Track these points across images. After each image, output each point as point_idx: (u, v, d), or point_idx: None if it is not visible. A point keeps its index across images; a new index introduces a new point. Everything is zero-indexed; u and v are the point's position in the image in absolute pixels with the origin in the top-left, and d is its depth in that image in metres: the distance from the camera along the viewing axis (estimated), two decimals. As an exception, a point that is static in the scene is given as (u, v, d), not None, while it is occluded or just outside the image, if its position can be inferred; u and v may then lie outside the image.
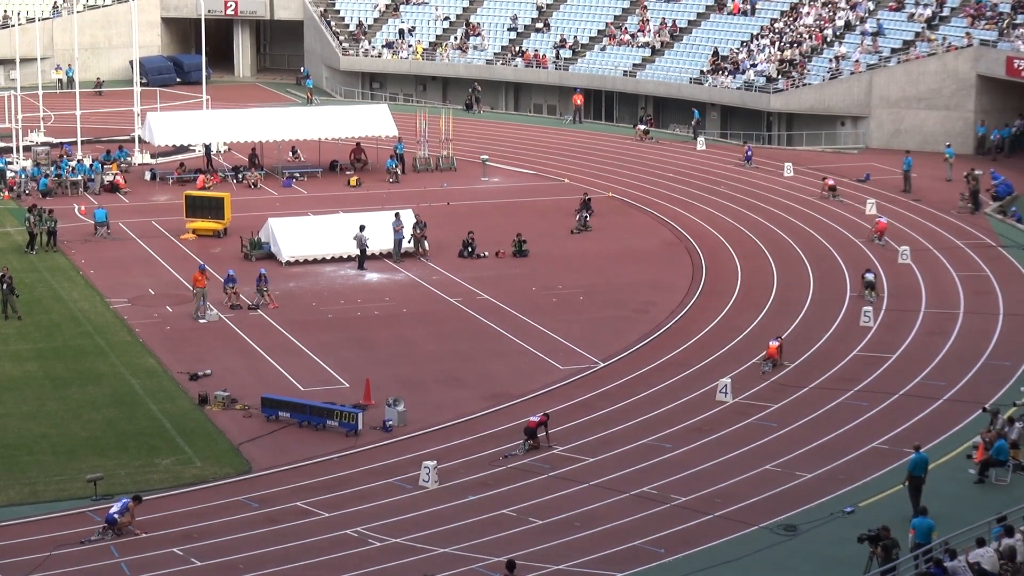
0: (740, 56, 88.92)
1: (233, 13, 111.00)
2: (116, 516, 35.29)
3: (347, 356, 48.89)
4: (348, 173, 77.01)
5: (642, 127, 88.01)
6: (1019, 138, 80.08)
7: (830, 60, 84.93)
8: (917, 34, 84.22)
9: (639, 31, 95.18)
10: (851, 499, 36.88)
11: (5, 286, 52.86)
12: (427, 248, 61.26)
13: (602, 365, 48.25)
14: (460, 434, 42.35)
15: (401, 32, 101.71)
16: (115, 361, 48.25)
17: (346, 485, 38.57)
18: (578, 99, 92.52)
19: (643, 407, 44.14)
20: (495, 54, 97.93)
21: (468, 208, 70.01)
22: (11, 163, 76.12)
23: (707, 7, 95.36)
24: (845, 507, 36.33)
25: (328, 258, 60.42)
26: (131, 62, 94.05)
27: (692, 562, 33.64)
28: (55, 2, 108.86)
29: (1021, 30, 79.51)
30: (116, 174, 74.73)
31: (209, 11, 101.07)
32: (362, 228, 59.62)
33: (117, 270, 59.22)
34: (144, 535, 35.38)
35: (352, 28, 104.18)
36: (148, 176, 75.89)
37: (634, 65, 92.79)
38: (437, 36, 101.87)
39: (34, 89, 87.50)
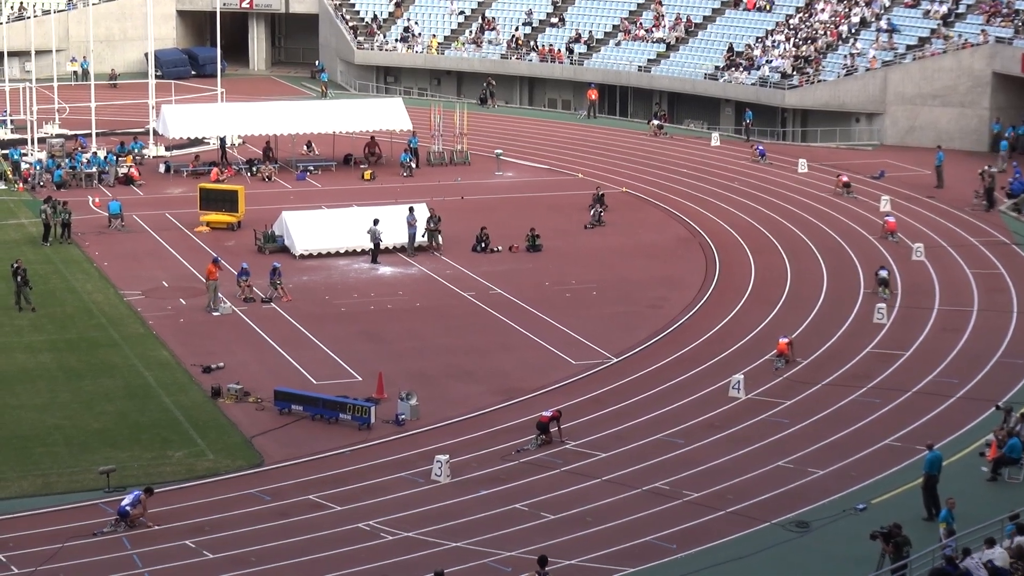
0: (755, 52, 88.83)
1: (248, 6, 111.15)
2: (128, 508, 35.36)
3: (360, 350, 48.93)
4: (362, 167, 77.10)
5: (656, 122, 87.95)
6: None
7: (845, 57, 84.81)
8: (932, 31, 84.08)
9: (654, 26, 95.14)
10: (863, 496, 36.84)
11: (19, 278, 52.97)
12: (440, 242, 61.28)
13: (615, 360, 48.23)
14: (472, 428, 42.36)
15: (407, 28, 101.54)
16: (128, 353, 48.33)
17: (358, 479, 38.59)
18: (593, 94, 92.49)
19: (655, 403, 44.13)
20: (509, 48, 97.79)
21: (482, 202, 70.03)
22: (26, 155, 76.28)
23: (722, 3, 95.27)
24: (857, 504, 36.29)
25: (342, 252, 60.46)
26: (146, 55, 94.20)
27: (703, 558, 33.64)
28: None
29: (1037, 27, 79.48)
30: (130, 166, 74.91)
31: (224, 4, 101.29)
32: (376, 222, 59.65)
33: (131, 262, 59.32)
34: (156, 527, 35.44)
35: (367, 22, 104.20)
36: (162, 169, 76.07)
37: (649, 60, 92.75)
38: (452, 30, 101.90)
39: (49, 81, 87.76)
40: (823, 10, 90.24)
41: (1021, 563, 30.43)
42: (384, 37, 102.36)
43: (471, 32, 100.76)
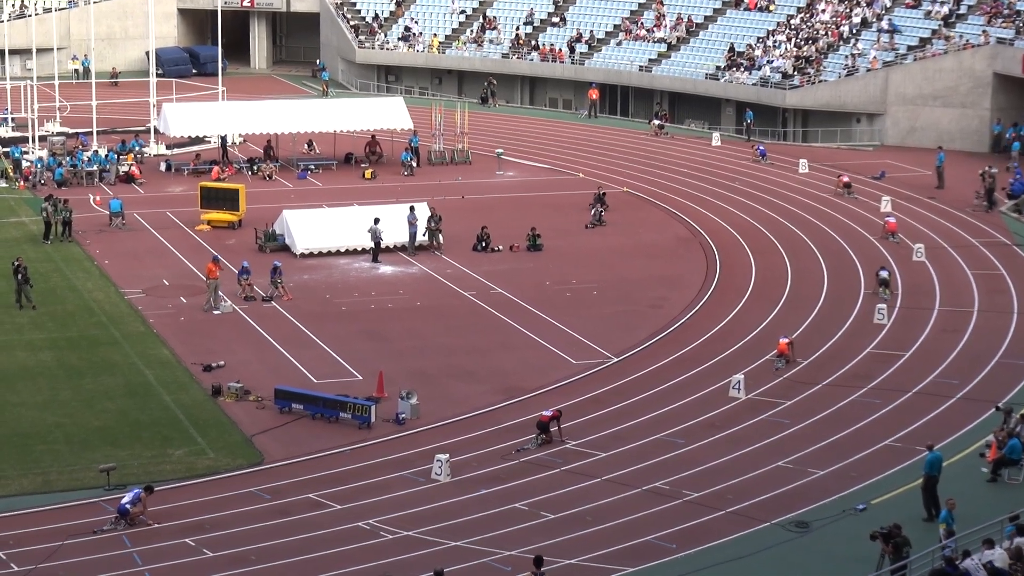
0: (756, 52, 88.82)
1: (249, 5, 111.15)
2: (128, 506, 35.38)
3: (360, 349, 48.94)
4: (363, 166, 77.10)
5: (657, 122, 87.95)
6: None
7: (846, 57, 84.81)
8: (934, 32, 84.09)
9: (655, 26, 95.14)
10: (863, 496, 36.86)
11: (20, 276, 52.97)
12: (441, 241, 61.29)
13: (615, 360, 48.24)
14: (473, 428, 42.37)
15: (407, 28, 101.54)
16: (129, 351, 48.35)
17: (358, 478, 38.61)
18: (593, 94, 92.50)
19: (655, 402, 44.14)
20: (513, 47, 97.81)
21: (482, 202, 70.05)
22: (27, 153, 76.30)
23: (723, 3, 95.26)
24: (857, 504, 36.31)
25: (342, 251, 60.47)
26: (147, 53, 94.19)
27: (703, 558, 33.65)
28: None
29: (1038, 28, 79.48)
30: (131, 165, 74.93)
31: (225, 3, 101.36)
32: (376, 221, 59.66)
33: (132, 261, 59.34)
34: (156, 525, 35.47)
35: (368, 21, 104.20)
36: (163, 167, 76.08)
37: (650, 60, 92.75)
38: (453, 29, 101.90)
39: (50, 79, 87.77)
40: (824, 10, 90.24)
41: (1020, 564, 30.44)
42: (385, 36, 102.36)
43: (472, 31, 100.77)
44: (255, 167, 75.73)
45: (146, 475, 38.30)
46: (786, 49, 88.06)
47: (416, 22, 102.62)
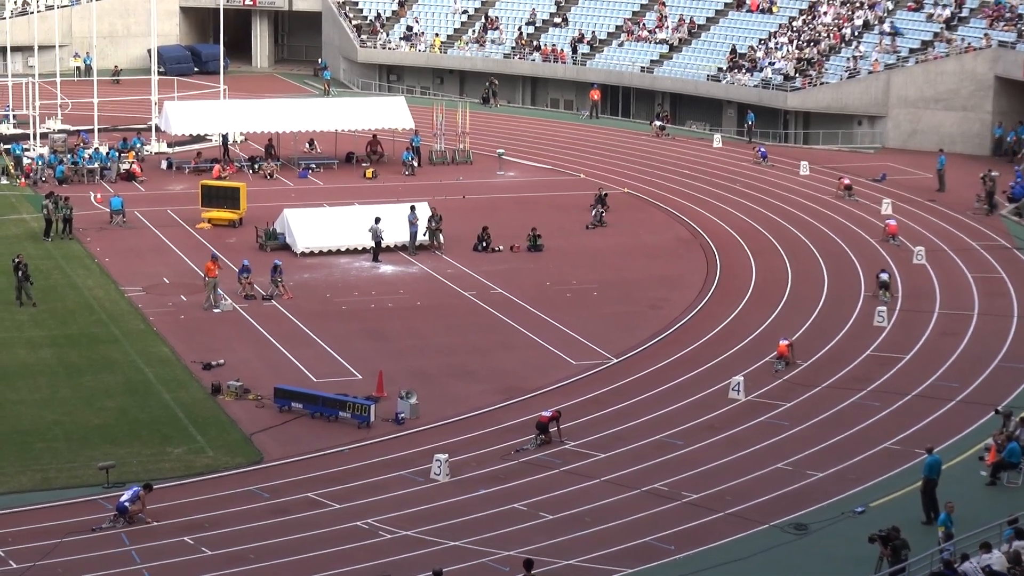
0: (758, 54, 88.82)
1: (251, 3, 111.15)
2: (127, 504, 35.37)
3: (360, 348, 48.94)
4: (364, 165, 77.09)
5: (658, 123, 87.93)
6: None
7: (848, 59, 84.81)
8: (935, 34, 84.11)
9: (657, 27, 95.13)
10: (862, 499, 36.85)
11: (20, 273, 52.96)
12: (442, 241, 61.29)
13: (615, 361, 48.23)
14: (472, 428, 42.37)
15: (409, 28, 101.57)
16: (129, 349, 48.35)
17: (357, 477, 38.60)
18: (595, 94, 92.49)
19: (655, 404, 44.14)
20: (518, 45, 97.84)
21: (483, 202, 70.04)
22: (28, 150, 76.30)
23: (725, 4, 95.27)
24: (856, 507, 36.30)
25: (343, 250, 60.46)
26: (149, 51, 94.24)
27: (702, 559, 33.64)
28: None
29: (1040, 32, 79.47)
30: (132, 162, 74.90)
31: (228, 1, 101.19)
32: (377, 220, 59.66)
33: (132, 258, 59.34)
34: (155, 523, 35.46)
35: (370, 20, 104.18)
36: (164, 165, 76.04)
37: (651, 61, 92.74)
38: (455, 29, 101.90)
39: (52, 77, 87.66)
40: (826, 13, 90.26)
41: (1018, 568, 30.44)
42: (387, 35, 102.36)
43: (474, 31, 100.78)
44: (256, 166, 75.73)
45: (145, 473, 38.30)
46: (788, 51, 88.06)
47: (418, 22, 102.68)
